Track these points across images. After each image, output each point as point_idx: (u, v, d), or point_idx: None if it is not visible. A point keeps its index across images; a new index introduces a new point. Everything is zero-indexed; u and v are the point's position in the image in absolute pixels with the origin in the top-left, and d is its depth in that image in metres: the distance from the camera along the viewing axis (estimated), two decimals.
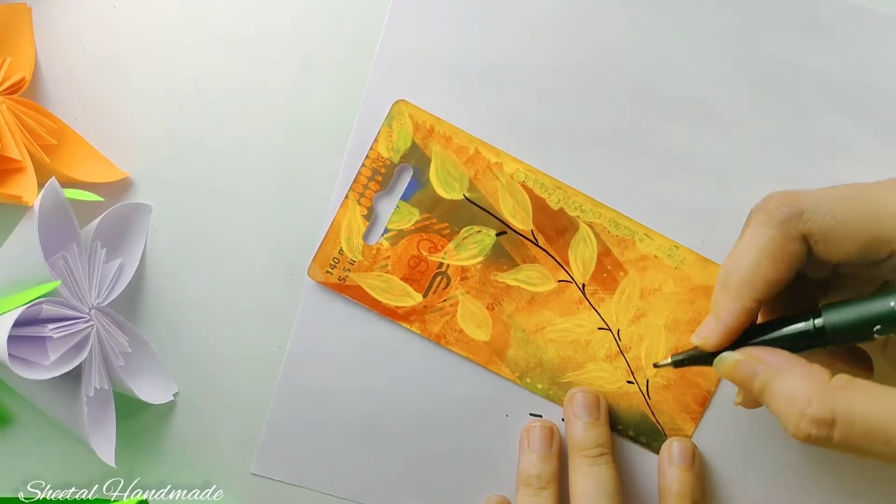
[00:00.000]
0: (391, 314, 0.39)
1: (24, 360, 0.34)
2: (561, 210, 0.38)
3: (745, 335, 0.33)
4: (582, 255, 0.38)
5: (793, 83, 0.38)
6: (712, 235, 0.38)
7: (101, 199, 0.38)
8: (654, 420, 0.38)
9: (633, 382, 0.38)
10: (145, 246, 0.40)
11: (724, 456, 0.38)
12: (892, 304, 0.30)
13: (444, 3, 0.38)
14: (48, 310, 0.35)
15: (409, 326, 0.39)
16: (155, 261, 0.40)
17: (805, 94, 0.38)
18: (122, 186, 0.40)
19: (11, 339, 0.33)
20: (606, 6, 0.38)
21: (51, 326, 0.35)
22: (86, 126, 0.39)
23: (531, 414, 0.39)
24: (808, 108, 0.38)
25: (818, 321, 0.31)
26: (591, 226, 0.38)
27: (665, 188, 0.38)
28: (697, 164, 0.38)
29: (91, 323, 0.36)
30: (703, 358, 0.33)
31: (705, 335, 0.33)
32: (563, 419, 0.39)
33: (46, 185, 0.35)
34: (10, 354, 0.33)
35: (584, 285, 0.38)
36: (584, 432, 0.37)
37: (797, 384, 0.30)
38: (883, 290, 0.31)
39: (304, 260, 0.39)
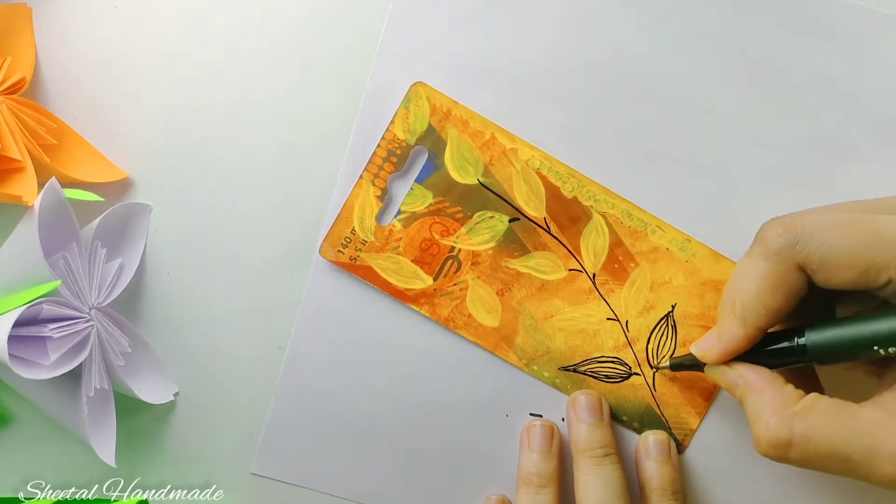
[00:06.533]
0: (401, 296, 0.39)
1: (24, 360, 0.34)
2: (574, 199, 0.38)
3: None
4: (594, 244, 0.38)
5: (792, 83, 0.38)
6: (721, 233, 0.38)
7: (101, 199, 0.38)
8: (658, 413, 0.38)
9: (639, 374, 0.38)
10: (145, 246, 0.40)
11: (728, 451, 0.38)
12: (875, 327, 0.30)
13: None
14: (48, 310, 0.35)
15: (418, 309, 0.39)
16: (155, 261, 0.40)
17: (805, 93, 0.38)
18: (122, 186, 0.40)
19: (12, 338, 0.33)
20: (609, 4, 0.38)
21: (51, 326, 0.35)
22: (86, 126, 0.39)
23: (531, 414, 0.39)
24: (810, 107, 0.38)
25: (801, 340, 0.32)
26: (604, 216, 0.38)
27: (678, 184, 0.38)
28: (706, 162, 0.38)
29: (91, 323, 0.36)
30: (697, 365, 0.36)
31: (706, 350, 0.34)
32: (563, 419, 0.39)
33: (46, 185, 0.35)
34: (10, 354, 0.33)
35: (594, 275, 0.38)
36: (588, 433, 0.37)
37: (764, 405, 0.32)
38: (874, 312, 0.31)
39: (304, 260, 0.39)
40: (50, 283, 0.35)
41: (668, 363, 0.37)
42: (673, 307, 0.38)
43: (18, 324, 0.34)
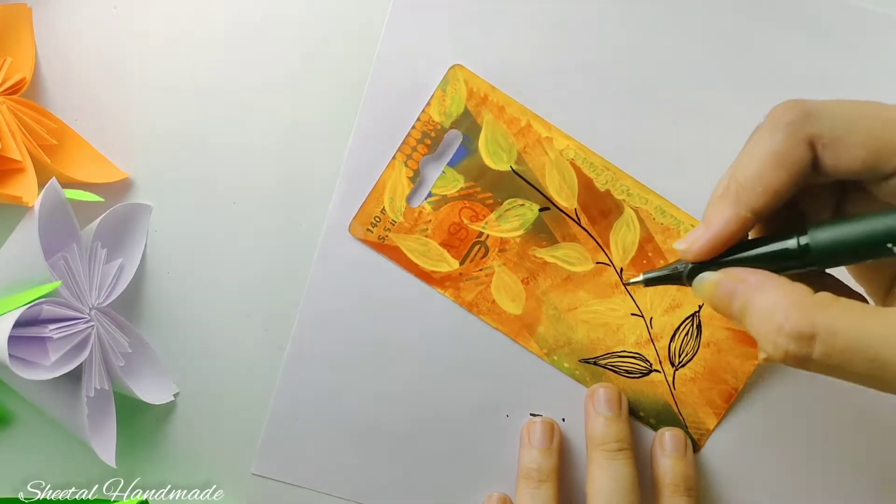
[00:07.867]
0: (427, 278, 0.39)
1: (24, 360, 0.34)
2: (607, 192, 0.38)
3: (729, 253, 0.30)
4: (623, 239, 0.38)
5: (793, 83, 0.38)
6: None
7: (102, 200, 0.38)
8: (676, 411, 0.38)
9: (659, 371, 0.38)
10: (145, 246, 0.40)
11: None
12: (889, 222, 0.28)
13: None
14: (48, 310, 0.35)
15: (442, 292, 0.39)
16: (155, 261, 0.40)
17: (805, 93, 0.38)
18: (122, 187, 0.40)
19: (12, 339, 0.33)
20: (609, 5, 0.38)
21: (51, 327, 0.35)
22: (86, 126, 0.39)
23: (532, 414, 0.39)
24: None
25: (803, 239, 0.29)
26: (636, 211, 0.38)
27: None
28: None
29: (91, 323, 0.36)
30: (677, 277, 0.32)
31: (691, 241, 0.30)
32: (563, 419, 0.39)
33: (47, 185, 0.35)
34: (10, 355, 0.33)
35: (622, 269, 0.38)
36: (604, 427, 0.37)
37: (776, 300, 0.28)
38: (879, 211, 0.29)
39: (305, 260, 0.39)
40: (50, 284, 0.35)
41: (640, 277, 0.33)
42: (700, 307, 0.38)
43: (19, 324, 0.34)
